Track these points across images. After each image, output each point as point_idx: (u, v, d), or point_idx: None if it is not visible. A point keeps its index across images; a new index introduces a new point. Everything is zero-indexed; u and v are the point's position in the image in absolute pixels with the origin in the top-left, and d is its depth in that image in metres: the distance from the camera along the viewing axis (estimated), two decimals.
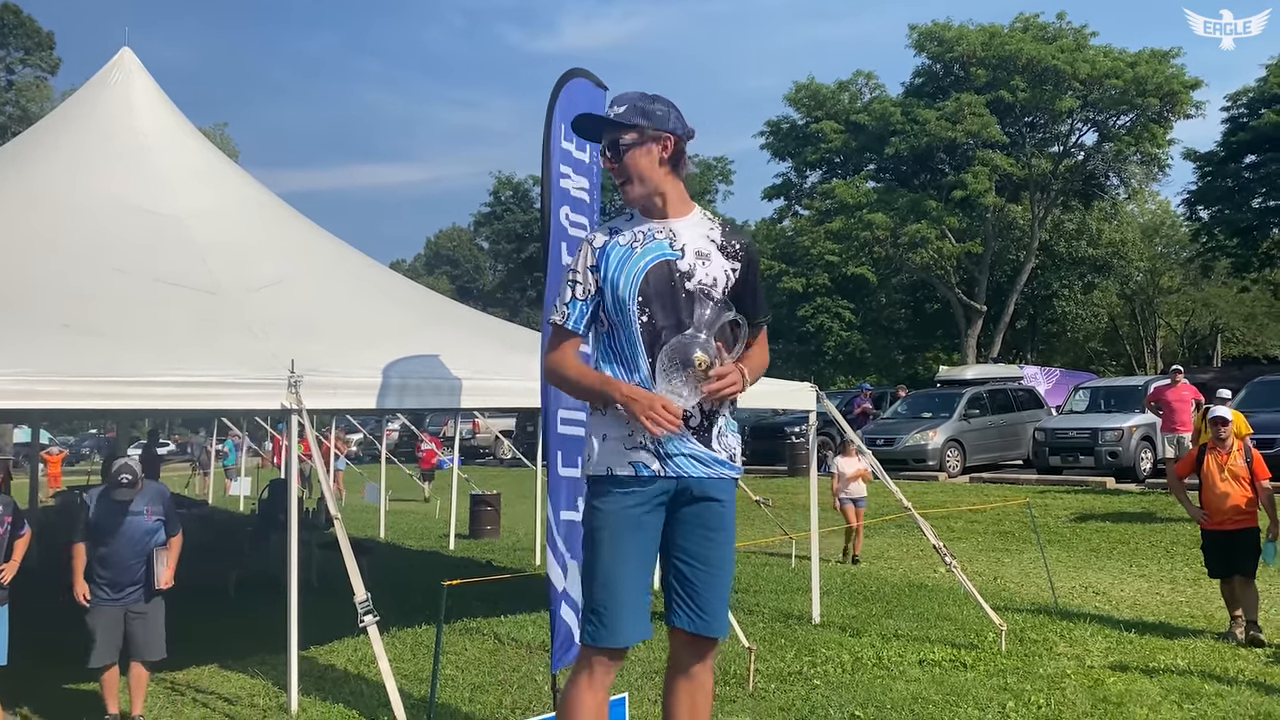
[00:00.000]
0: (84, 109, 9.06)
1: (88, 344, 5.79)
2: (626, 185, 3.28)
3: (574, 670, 3.23)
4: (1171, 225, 43.69)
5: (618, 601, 3.13)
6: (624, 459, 3.19)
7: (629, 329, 3.22)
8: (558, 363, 3.32)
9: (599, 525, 3.19)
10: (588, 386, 3.27)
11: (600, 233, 3.36)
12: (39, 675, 6.60)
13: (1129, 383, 20.29)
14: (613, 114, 3.28)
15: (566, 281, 3.32)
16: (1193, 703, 5.78)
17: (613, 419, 3.21)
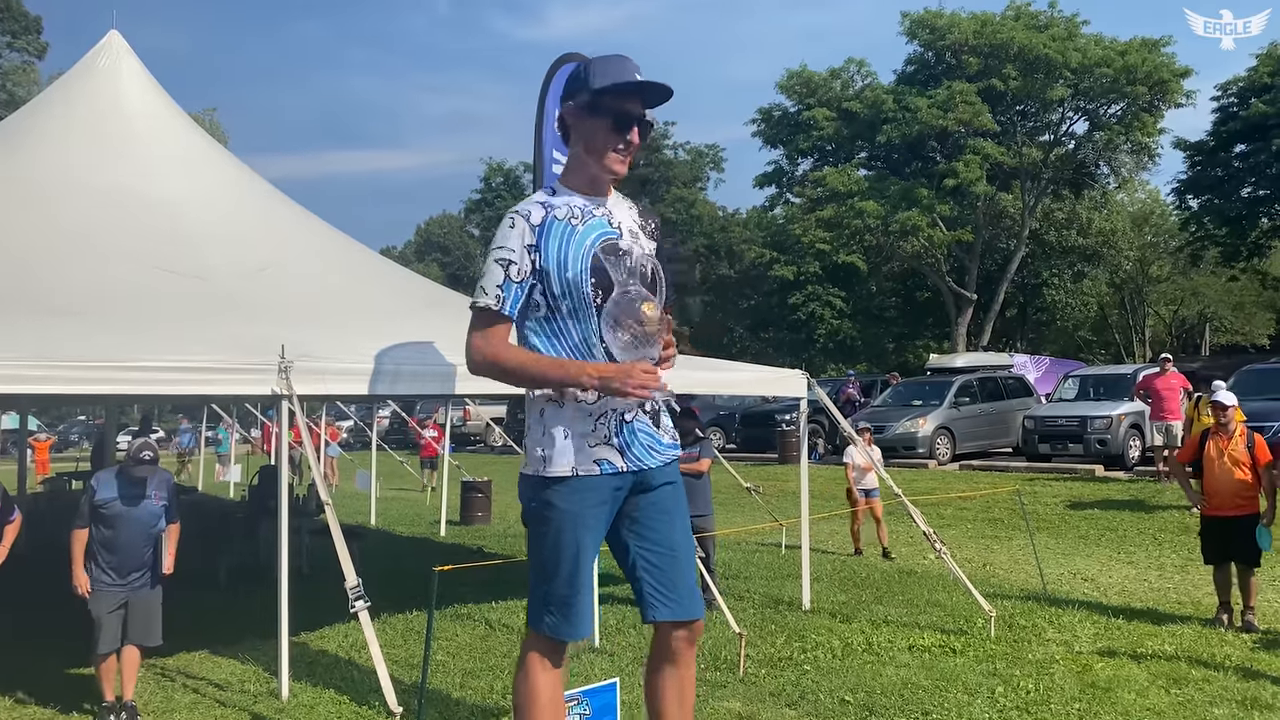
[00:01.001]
0: (71, 93, 8.99)
1: (75, 329, 5.75)
2: (628, 161, 3.13)
3: (527, 653, 3.13)
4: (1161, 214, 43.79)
5: (581, 598, 3.09)
6: (589, 457, 3.06)
7: (582, 310, 3.03)
8: (496, 351, 3.03)
9: (562, 526, 3.04)
10: (540, 373, 3.02)
11: (534, 208, 3.08)
12: (29, 660, 6.59)
13: (1118, 371, 20.37)
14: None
15: (496, 261, 3.02)
16: (1180, 687, 5.83)
17: (573, 413, 3.05)
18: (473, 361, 3.06)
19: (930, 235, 32.98)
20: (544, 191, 3.16)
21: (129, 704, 5.68)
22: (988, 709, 5.50)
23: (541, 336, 3.07)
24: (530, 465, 3.12)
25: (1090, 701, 5.60)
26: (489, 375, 3.06)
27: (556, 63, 5.11)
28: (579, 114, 3.09)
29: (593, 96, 3.04)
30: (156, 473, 5.74)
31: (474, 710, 5.65)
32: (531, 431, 3.12)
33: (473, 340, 3.05)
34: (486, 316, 3.03)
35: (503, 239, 3.04)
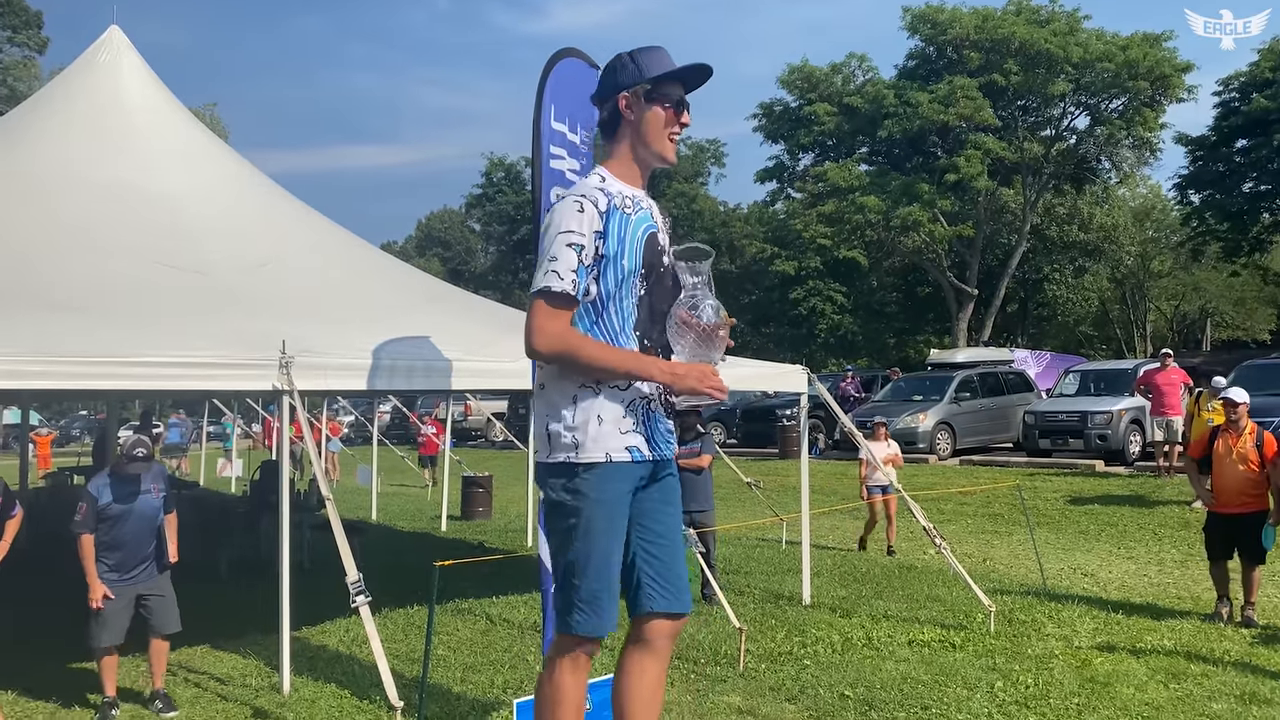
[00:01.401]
0: (72, 88, 8.99)
1: (76, 324, 5.76)
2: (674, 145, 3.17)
3: (556, 656, 3.10)
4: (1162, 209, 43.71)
5: (611, 591, 3.05)
6: (620, 443, 3.04)
7: (623, 302, 3.06)
8: (568, 337, 2.97)
9: (594, 515, 3.01)
10: (615, 364, 2.98)
11: (598, 195, 3.05)
12: (30, 655, 6.61)
13: (1118, 366, 20.36)
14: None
15: (568, 245, 2.95)
16: (1179, 682, 5.84)
17: (607, 399, 3.03)
18: (542, 346, 2.96)
19: (931, 230, 32.93)
20: (595, 177, 3.14)
21: (161, 693, 5.74)
22: (987, 704, 5.51)
23: (585, 323, 3.03)
24: (557, 451, 3.05)
25: (1089, 696, 5.61)
26: (555, 361, 2.99)
27: (554, 58, 5.11)
28: (637, 103, 3.12)
29: (653, 84, 3.11)
30: (151, 466, 5.75)
31: (474, 705, 5.67)
32: (559, 417, 3.05)
33: (542, 324, 2.96)
34: (559, 300, 2.96)
35: (572, 223, 2.98)
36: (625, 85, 3.13)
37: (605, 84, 3.19)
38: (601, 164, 3.21)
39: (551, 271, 2.94)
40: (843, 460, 19.19)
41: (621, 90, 3.13)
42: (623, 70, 3.15)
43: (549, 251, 2.98)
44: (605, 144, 3.24)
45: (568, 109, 5.18)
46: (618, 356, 2.99)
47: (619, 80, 3.14)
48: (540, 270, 2.98)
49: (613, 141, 3.19)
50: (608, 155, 3.21)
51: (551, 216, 3.04)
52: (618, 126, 3.16)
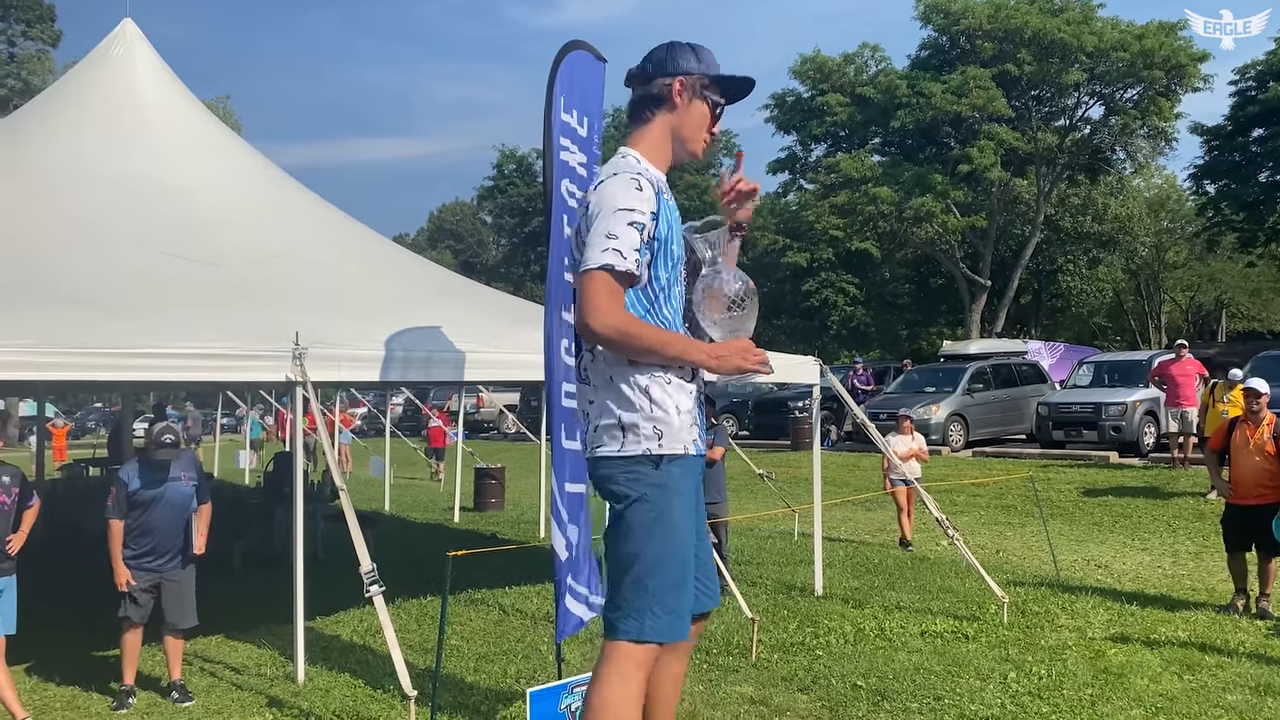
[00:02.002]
0: (86, 81, 9.02)
1: (90, 316, 5.79)
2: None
3: (629, 668, 2.81)
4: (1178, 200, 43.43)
5: (689, 590, 2.90)
6: (691, 435, 2.93)
7: (674, 289, 2.98)
8: (626, 319, 2.81)
9: (677, 509, 2.86)
10: (668, 348, 2.85)
11: (649, 174, 2.94)
12: (49, 642, 6.66)
13: (1133, 357, 20.25)
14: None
15: (630, 224, 2.80)
16: (1193, 674, 5.82)
17: (681, 390, 2.92)
18: (601, 326, 2.76)
19: (944, 221, 32.79)
20: (631, 159, 3.02)
21: (178, 683, 5.80)
22: (1000, 694, 5.50)
23: (639, 311, 2.90)
24: (635, 443, 2.86)
25: (1103, 687, 5.59)
26: (611, 342, 2.81)
27: (564, 50, 5.10)
28: (690, 94, 3.05)
29: (713, 81, 3.07)
30: (181, 455, 5.80)
31: (487, 694, 5.69)
32: (635, 407, 2.87)
33: (601, 303, 2.77)
34: (622, 280, 2.81)
35: (631, 200, 2.83)
36: (685, 71, 3.04)
37: (660, 64, 3.07)
38: (630, 146, 3.07)
39: (613, 250, 2.77)
40: (855, 452, 19.17)
41: (680, 75, 3.04)
42: (684, 56, 3.06)
43: (606, 228, 2.80)
44: (634, 123, 3.12)
45: (576, 101, 5.17)
46: (670, 339, 2.88)
47: (679, 64, 3.05)
48: (597, 248, 2.79)
49: (646, 124, 3.07)
50: (636, 138, 3.08)
51: (604, 194, 2.87)
52: (658, 109, 3.05)
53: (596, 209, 2.86)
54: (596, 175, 3.06)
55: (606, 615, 2.90)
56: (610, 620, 2.87)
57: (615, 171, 2.93)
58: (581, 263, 2.83)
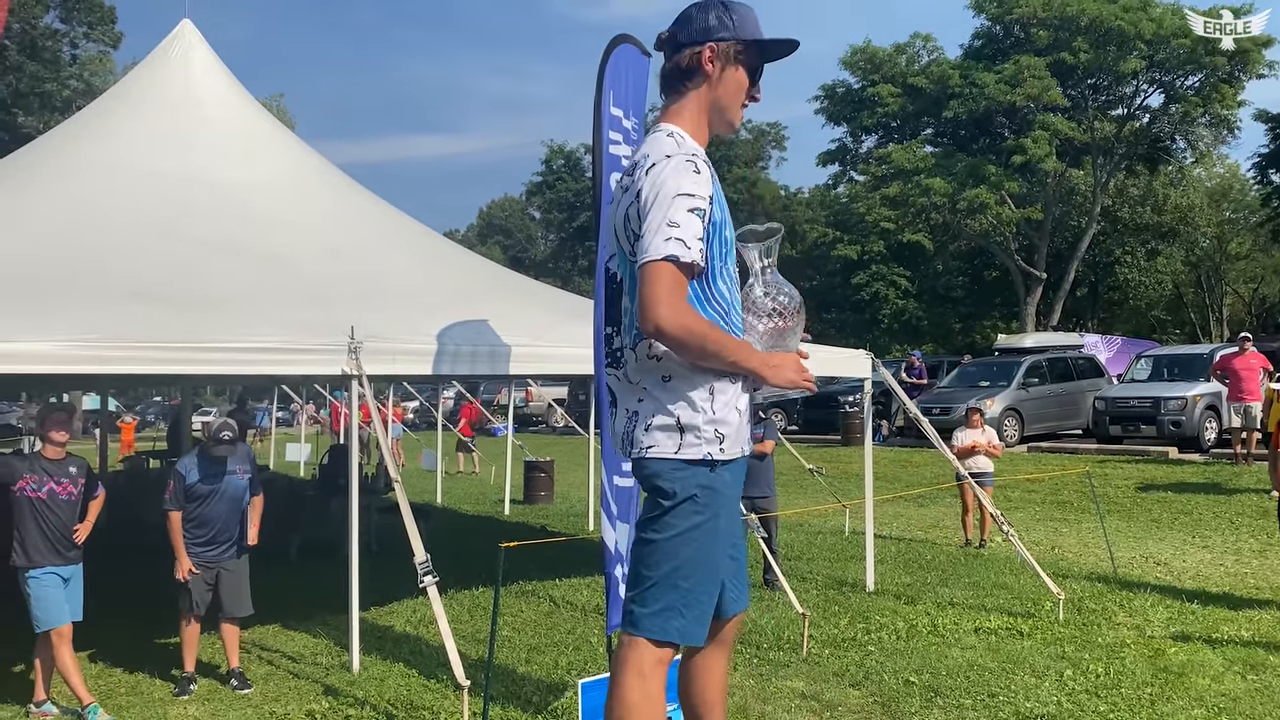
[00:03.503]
0: (146, 82, 9.22)
1: (154, 311, 5.92)
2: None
3: (648, 666, 2.74)
4: (1241, 189, 42.38)
5: (714, 598, 2.84)
6: (746, 435, 2.83)
7: (730, 274, 2.82)
8: (696, 318, 2.65)
9: (722, 514, 2.78)
10: (728, 351, 2.69)
11: (701, 153, 2.77)
12: (113, 629, 6.83)
13: (1193, 351, 19.81)
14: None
15: (690, 211, 2.62)
16: (1257, 674, 5.69)
17: (743, 391, 2.80)
18: (668, 320, 2.59)
19: (998, 213, 32.32)
20: (676, 137, 2.80)
21: (237, 671, 5.93)
22: (1056, 692, 5.42)
23: (696, 301, 2.72)
24: (696, 446, 2.73)
25: (1163, 686, 5.49)
26: (674, 338, 2.62)
27: (612, 43, 5.11)
28: (724, 60, 2.83)
29: (747, 46, 2.84)
30: (237, 449, 5.92)
31: (539, 685, 5.73)
32: (696, 408, 2.73)
33: (668, 296, 2.59)
34: (685, 271, 2.63)
35: (690, 185, 2.64)
36: (715, 37, 2.81)
37: (690, 29, 2.85)
38: (669, 120, 2.87)
39: (676, 239, 2.58)
40: (906, 448, 18.98)
41: (710, 40, 2.82)
42: (716, 19, 2.83)
43: (667, 216, 2.60)
44: (668, 96, 2.91)
45: (623, 96, 5.18)
46: (730, 343, 2.71)
47: (709, 29, 2.82)
48: (657, 236, 2.60)
49: (680, 95, 2.87)
50: (673, 112, 2.88)
51: (659, 178, 2.66)
52: (690, 79, 2.85)
53: (653, 193, 2.65)
54: (643, 156, 2.77)
55: (631, 608, 2.78)
56: (634, 614, 2.77)
57: (668, 153, 2.71)
58: (641, 253, 2.63)
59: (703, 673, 3.01)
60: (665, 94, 2.94)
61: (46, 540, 5.38)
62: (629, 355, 2.86)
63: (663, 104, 2.94)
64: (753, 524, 7.55)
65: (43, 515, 5.37)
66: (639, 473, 2.86)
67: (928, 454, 16.39)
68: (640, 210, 2.68)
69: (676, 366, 2.75)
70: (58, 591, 5.39)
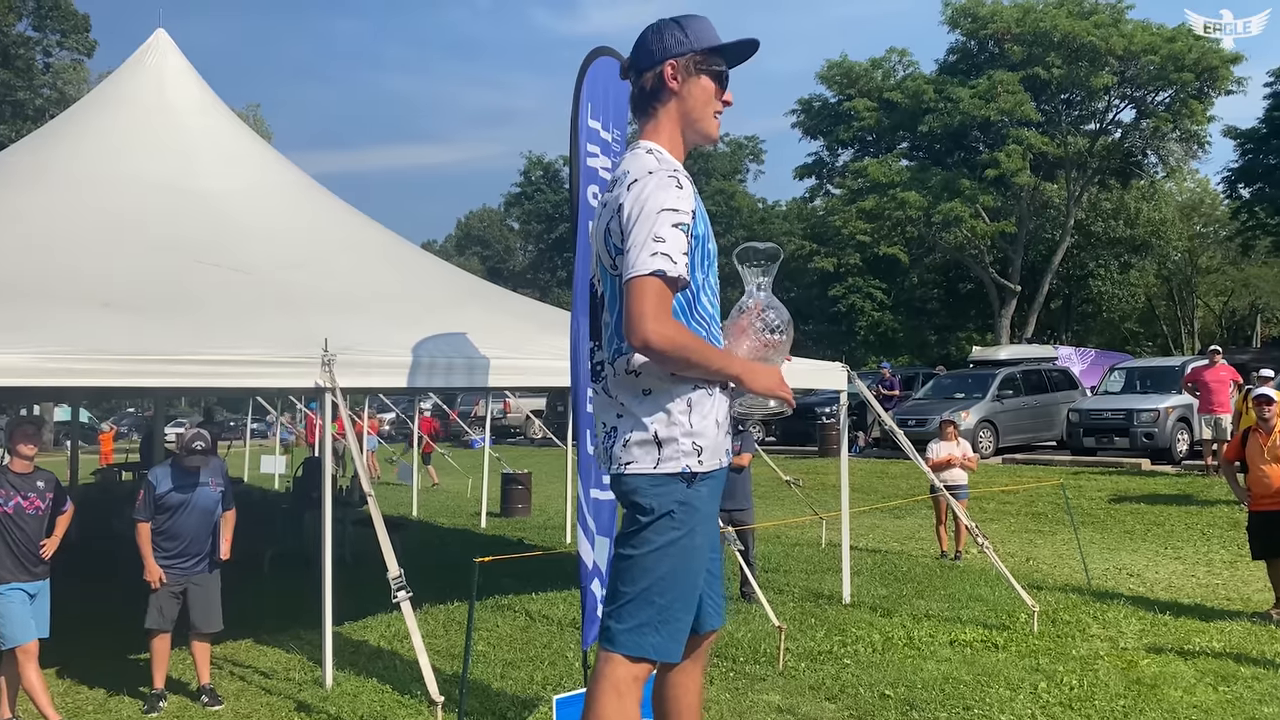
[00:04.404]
0: (120, 90, 9.16)
1: (125, 323, 5.86)
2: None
3: (624, 682, 2.72)
4: (1211, 204, 42.95)
5: (692, 614, 2.82)
6: (725, 446, 2.82)
7: (713, 288, 2.85)
8: (678, 331, 2.64)
9: (700, 529, 2.76)
10: (709, 359, 2.70)
11: (679, 166, 2.80)
12: (82, 644, 6.74)
13: (1165, 363, 20.01)
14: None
15: (675, 226, 2.63)
16: (1229, 685, 5.73)
17: (721, 402, 2.81)
18: (656, 337, 2.59)
19: (973, 226, 32.56)
20: (655, 154, 2.83)
21: (208, 687, 5.85)
22: (1030, 704, 5.44)
23: (683, 316, 2.74)
24: (674, 460, 2.73)
25: (1135, 698, 5.52)
26: (662, 354, 2.63)
27: (590, 56, 5.11)
28: (686, 74, 2.85)
29: (706, 54, 2.86)
30: (210, 461, 5.86)
31: (514, 701, 5.69)
32: (674, 421, 2.73)
33: (656, 312, 2.60)
34: (671, 286, 2.63)
35: (674, 199, 2.66)
36: (673, 54, 2.84)
37: (649, 51, 2.88)
38: (646, 139, 2.90)
39: (662, 254, 2.59)
40: (883, 459, 19.05)
41: (669, 59, 2.84)
42: (670, 36, 2.85)
43: (653, 231, 2.61)
44: (641, 119, 2.94)
45: (602, 107, 5.18)
46: (714, 353, 2.74)
47: (667, 48, 2.85)
48: (642, 252, 2.60)
49: (652, 116, 2.90)
50: (650, 131, 2.90)
51: (642, 194, 2.68)
52: (658, 99, 2.88)
53: (636, 209, 2.66)
54: (623, 172, 2.81)
55: (607, 624, 2.78)
56: (610, 630, 2.76)
57: (650, 169, 2.73)
58: (626, 268, 2.64)
59: (677, 688, 3.01)
60: (637, 117, 2.98)
61: (13, 556, 5.29)
62: (608, 369, 2.86)
63: (637, 126, 2.98)
64: (729, 537, 7.56)
65: (9, 530, 5.28)
66: (617, 488, 2.85)
67: (904, 465, 16.46)
68: (623, 226, 2.69)
69: (655, 380, 2.75)
70: (23, 608, 5.30)
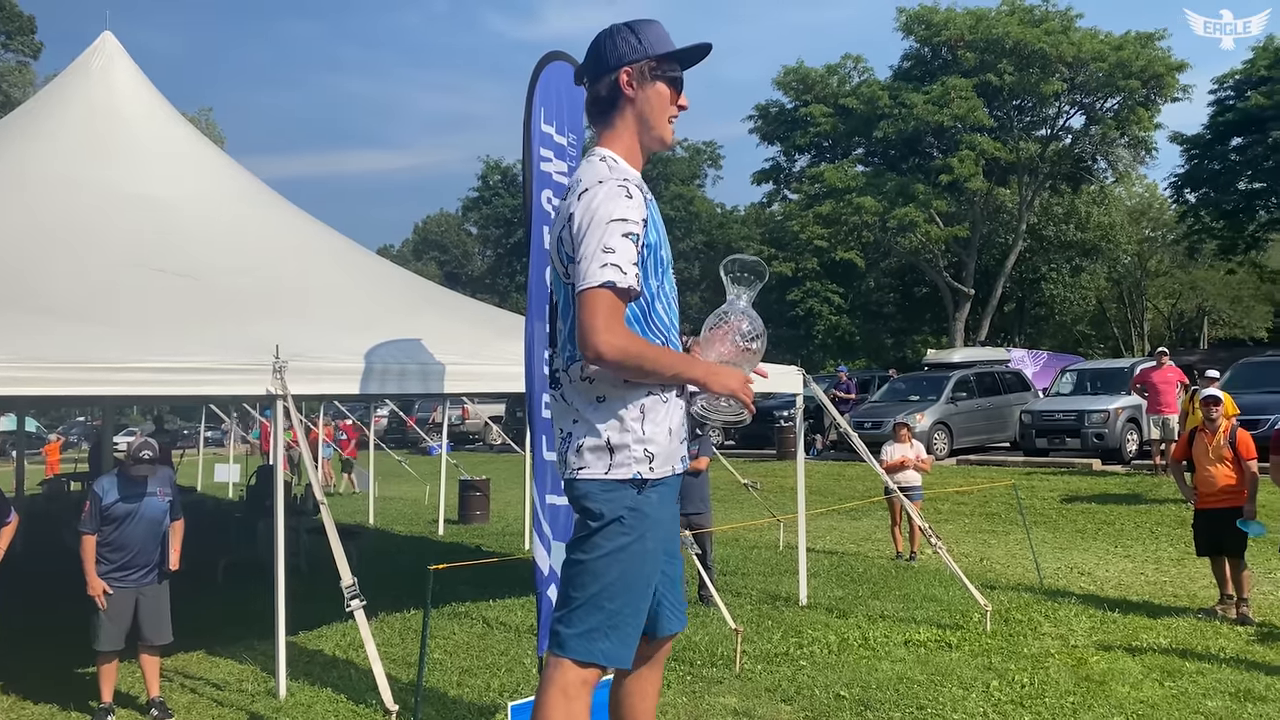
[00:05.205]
0: (65, 93, 8.99)
1: (70, 329, 5.76)
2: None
3: (572, 687, 2.73)
4: (1159, 208, 43.84)
5: (643, 618, 2.82)
6: (679, 454, 2.84)
7: (669, 296, 2.85)
8: (631, 341, 2.65)
9: (651, 534, 2.77)
10: (665, 365, 2.71)
11: (633, 176, 2.80)
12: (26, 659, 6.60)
13: (1115, 365, 20.38)
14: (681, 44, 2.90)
15: (624, 235, 2.63)
16: (1174, 680, 5.84)
17: (676, 409, 2.83)
18: (609, 348, 2.59)
19: (927, 231, 32.98)
20: (609, 161, 2.83)
21: (157, 700, 5.74)
22: (982, 703, 5.51)
23: (638, 326, 2.76)
24: (625, 467, 2.74)
25: (1085, 695, 5.61)
26: (617, 364, 2.63)
27: (543, 60, 5.12)
28: (641, 80, 2.85)
29: (660, 60, 2.85)
30: (158, 470, 5.76)
31: (470, 708, 5.66)
32: (627, 428, 2.75)
33: (609, 323, 2.60)
34: (622, 297, 2.63)
35: (623, 209, 2.65)
36: (628, 60, 2.84)
37: (602, 57, 2.88)
38: (602, 147, 2.89)
39: (612, 265, 2.59)
40: (840, 461, 19.20)
41: (624, 65, 2.84)
42: (624, 42, 2.85)
43: (602, 242, 2.61)
44: (598, 126, 2.94)
45: (556, 111, 5.19)
46: (671, 359, 2.75)
47: (621, 54, 2.84)
48: (593, 263, 2.60)
49: (608, 124, 2.90)
50: (607, 138, 2.90)
51: (593, 203, 2.68)
52: (614, 106, 2.88)
53: (586, 219, 2.66)
54: (576, 180, 2.82)
55: (557, 629, 2.78)
56: (560, 635, 2.76)
57: (600, 179, 2.73)
58: (578, 279, 2.64)
59: (633, 694, 3.01)
60: (594, 124, 2.97)
61: None
62: (563, 377, 2.88)
63: (594, 133, 2.98)
64: (687, 540, 7.57)
65: None
66: (569, 493, 2.86)
67: (860, 468, 16.59)
68: (574, 236, 2.69)
69: (609, 387, 2.77)
70: None
